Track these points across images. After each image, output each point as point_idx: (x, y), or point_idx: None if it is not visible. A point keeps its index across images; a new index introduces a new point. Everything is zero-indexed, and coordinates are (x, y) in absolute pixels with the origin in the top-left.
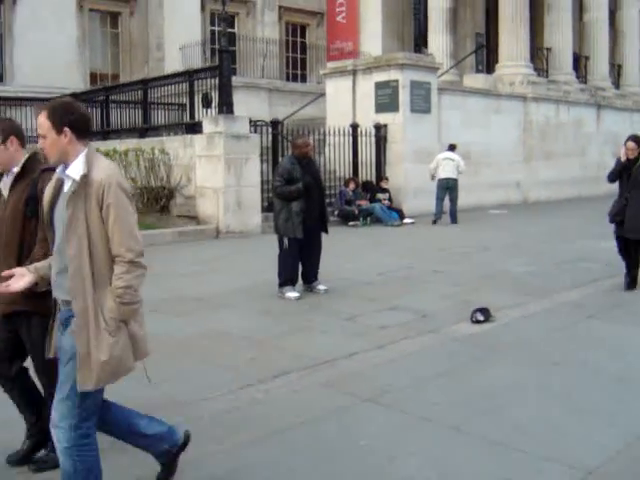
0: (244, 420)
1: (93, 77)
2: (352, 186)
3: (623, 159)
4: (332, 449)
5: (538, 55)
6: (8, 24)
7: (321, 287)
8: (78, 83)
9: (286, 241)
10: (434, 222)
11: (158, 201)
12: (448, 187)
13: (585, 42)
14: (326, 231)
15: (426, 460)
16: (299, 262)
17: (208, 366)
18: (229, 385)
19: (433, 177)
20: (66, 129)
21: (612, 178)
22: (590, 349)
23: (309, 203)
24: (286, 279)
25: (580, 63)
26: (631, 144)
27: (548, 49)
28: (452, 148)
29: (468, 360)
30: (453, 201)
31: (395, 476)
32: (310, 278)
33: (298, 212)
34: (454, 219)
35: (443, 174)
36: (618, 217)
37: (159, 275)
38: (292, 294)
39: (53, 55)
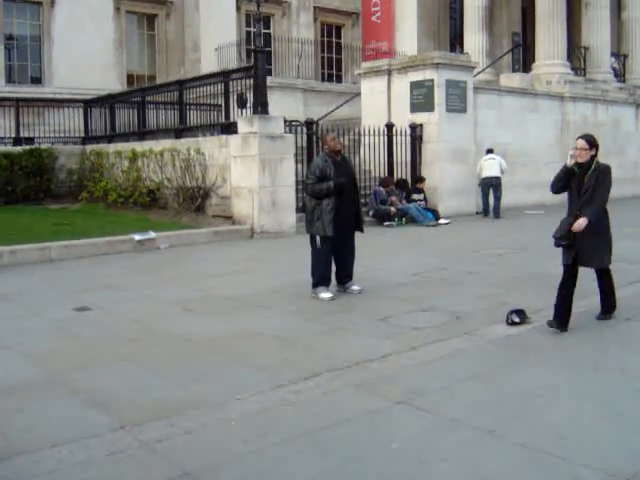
0: (274, 421)
1: (130, 78)
2: (389, 187)
3: (570, 163)
4: (363, 451)
5: (575, 54)
6: (47, 26)
7: (355, 287)
8: (115, 84)
9: (318, 240)
10: (484, 215)
11: (194, 201)
12: (491, 185)
13: (623, 40)
14: (361, 230)
15: (458, 464)
16: (332, 262)
17: (240, 366)
18: (260, 385)
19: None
20: None
21: (556, 188)
22: (628, 352)
23: (342, 202)
24: (319, 279)
25: (618, 62)
26: (582, 143)
27: (585, 47)
28: (491, 151)
29: (503, 363)
30: (498, 199)
31: None
32: (344, 278)
33: (329, 210)
34: (497, 214)
35: (486, 173)
36: (565, 240)
37: (194, 275)
38: (325, 295)
39: (90, 57)
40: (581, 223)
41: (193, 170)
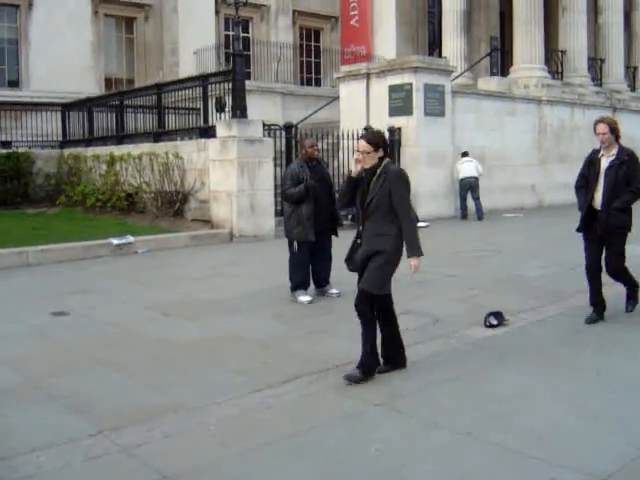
0: (253, 425)
1: (108, 82)
2: None
3: (356, 171)
4: (342, 454)
5: (553, 58)
6: (24, 30)
7: (333, 291)
8: (93, 88)
9: (296, 245)
10: (462, 218)
11: (172, 205)
12: (470, 186)
13: (600, 44)
14: (336, 234)
15: (438, 466)
16: (310, 266)
17: (219, 370)
18: (239, 389)
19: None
20: None
21: (341, 204)
22: (605, 354)
23: (318, 206)
24: (298, 283)
25: (595, 66)
26: (362, 144)
27: (563, 52)
28: (466, 154)
29: (481, 365)
30: (477, 199)
31: None
32: (321, 282)
33: (309, 216)
34: (481, 216)
35: (463, 174)
36: (351, 265)
37: (172, 279)
38: (304, 298)
39: (68, 60)
40: (416, 265)
41: (172, 174)
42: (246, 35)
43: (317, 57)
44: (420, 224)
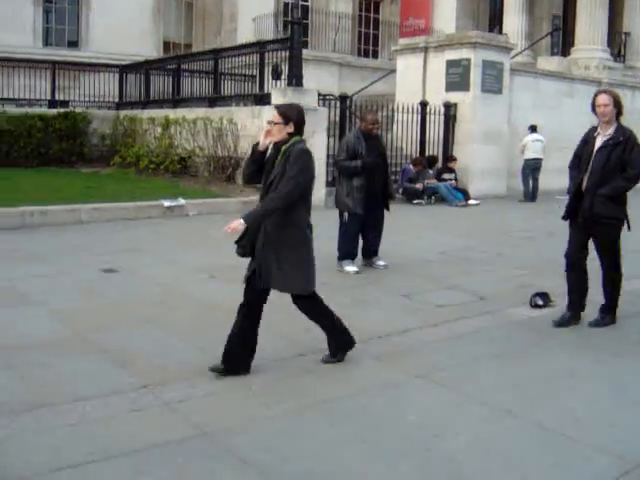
0: (294, 388)
1: (166, 46)
2: (418, 167)
3: (264, 143)
4: (379, 421)
5: (616, 40)
6: None
7: (381, 263)
8: (151, 51)
9: (346, 215)
10: (526, 200)
11: (225, 170)
12: (536, 167)
13: None
14: (387, 208)
15: (472, 440)
16: (359, 237)
17: (263, 334)
18: (282, 353)
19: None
20: None
21: (245, 177)
22: None
23: (371, 179)
24: (345, 253)
25: None
26: (273, 113)
27: (627, 34)
28: (534, 129)
29: (524, 344)
30: (536, 180)
31: (439, 453)
32: (370, 253)
33: (359, 188)
34: (534, 197)
35: (532, 154)
36: (240, 249)
37: (221, 242)
38: (351, 268)
39: (127, 23)
40: (234, 226)
41: (225, 139)
42: (305, 4)
43: (375, 29)
44: (471, 201)
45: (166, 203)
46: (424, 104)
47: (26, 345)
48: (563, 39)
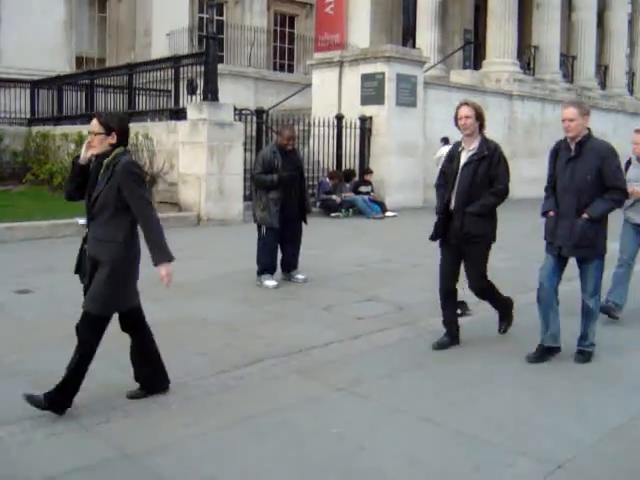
0: (216, 405)
1: (79, 61)
2: (335, 180)
3: (85, 156)
4: (302, 436)
5: (525, 53)
6: None
7: (300, 276)
8: (64, 66)
9: (264, 229)
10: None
11: None
12: None
13: (573, 41)
14: (305, 221)
15: (396, 450)
16: (277, 251)
17: (182, 351)
18: (202, 371)
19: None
20: None
21: (67, 193)
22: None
23: (288, 193)
24: (264, 267)
25: (567, 62)
26: (93, 123)
27: (535, 47)
28: (447, 141)
29: (442, 353)
30: None
31: (364, 465)
32: (289, 267)
33: (275, 201)
34: None
35: None
36: (82, 278)
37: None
38: (270, 282)
39: (40, 37)
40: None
41: (141, 155)
42: (220, 18)
43: (291, 43)
44: (388, 214)
45: (81, 221)
46: (340, 118)
47: None
48: (475, 53)
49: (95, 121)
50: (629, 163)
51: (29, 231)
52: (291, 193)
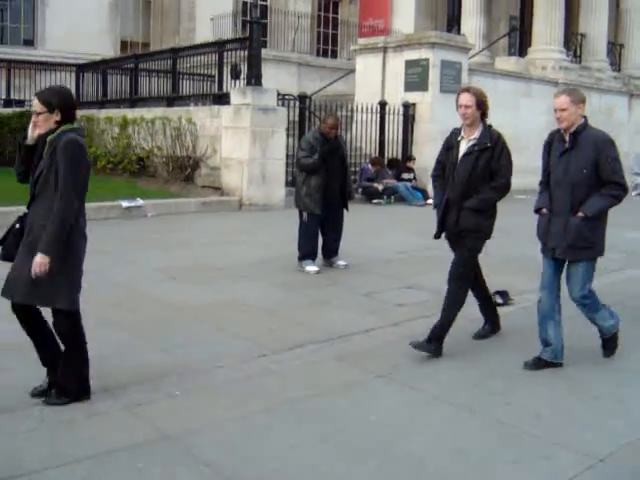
0: (256, 389)
1: (124, 45)
2: (377, 167)
3: (30, 136)
4: (341, 422)
5: (572, 40)
6: None
7: (341, 262)
8: (108, 50)
9: (305, 215)
10: None
11: (183, 170)
12: None
13: (620, 30)
14: (347, 208)
15: (435, 438)
16: (318, 237)
17: (223, 335)
18: (243, 354)
19: None
20: None
21: (17, 173)
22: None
23: (330, 179)
24: (305, 253)
25: (615, 51)
26: (35, 102)
27: (582, 35)
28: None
29: (483, 342)
30: None
31: (403, 452)
32: (330, 253)
33: (317, 187)
34: None
35: None
36: (2, 252)
37: (180, 243)
38: (311, 268)
39: (85, 21)
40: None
41: (184, 139)
42: (264, 3)
43: (334, 29)
44: (430, 201)
45: (124, 204)
46: (383, 104)
47: None
48: (520, 40)
49: (36, 100)
50: None
51: None
52: (333, 179)
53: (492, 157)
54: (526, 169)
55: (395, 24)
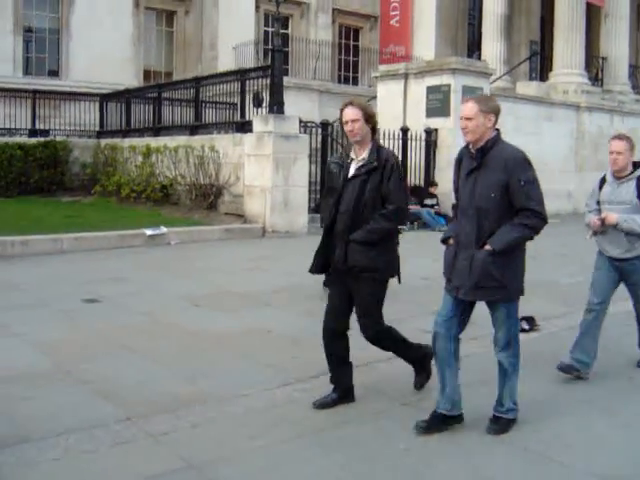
0: (281, 418)
1: (147, 74)
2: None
3: None
4: (369, 451)
5: (593, 64)
6: (65, 20)
7: None
8: (132, 80)
9: None
10: None
11: (206, 198)
12: None
13: None
14: None
15: (463, 467)
16: None
17: (247, 363)
18: (267, 383)
19: None
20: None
21: None
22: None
23: None
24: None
25: (636, 74)
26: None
27: (603, 58)
28: None
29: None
30: None
31: None
32: None
33: None
34: None
35: None
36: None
37: (204, 271)
38: None
39: (108, 52)
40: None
41: (207, 167)
42: (285, 32)
43: (355, 56)
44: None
45: (148, 232)
46: (405, 130)
47: (7, 378)
48: (541, 64)
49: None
50: (603, 181)
51: (97, 241)
52: None
53: (382, 179)
54: (546, 192)
55: (416, 50)
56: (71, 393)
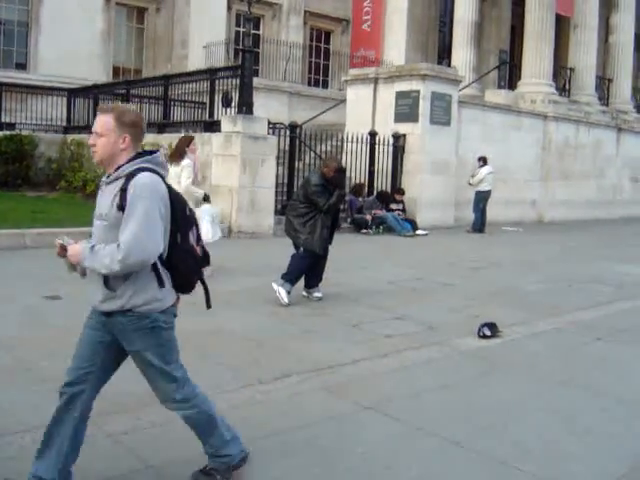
0: (241, 420)
1: (116, 71)
2: (361, 192)
3: None
4: (328, 454)
5: (561, 74)
6: (35, 13)
7: (316, 294)
8: (100, 76)
9: (301, 250)
10: (479, 231)
11: None
12: (486, 199)
13: (609, 64)
14: (330, 242)
15: (423, 473)
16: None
17: (209, 364)
18: (229, 384)
19: (470, 184)
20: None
21: None
22: (596, 371)
23: (334, 218)
24: (291, 279)
25: (603, 85)
26: None
27: (571, 69)
28: (486, 161)
29: (472, 374)
30: (485, 211)
31: None
32: (314, 284)
33: (322, 229)
34: (484, 229)
35: (488, 187)
36: None
37: None
38: (285, 297)
39: (77, 47)
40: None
41: None
42: (257, 32)
43: (326, 59)
44: (419, 232)
45: None
46: (373, 134)
47: None
48: (510, 73)
49: None
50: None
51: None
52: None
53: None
54: (511, 200)
55: (386, 55)
56: (31, 391)
